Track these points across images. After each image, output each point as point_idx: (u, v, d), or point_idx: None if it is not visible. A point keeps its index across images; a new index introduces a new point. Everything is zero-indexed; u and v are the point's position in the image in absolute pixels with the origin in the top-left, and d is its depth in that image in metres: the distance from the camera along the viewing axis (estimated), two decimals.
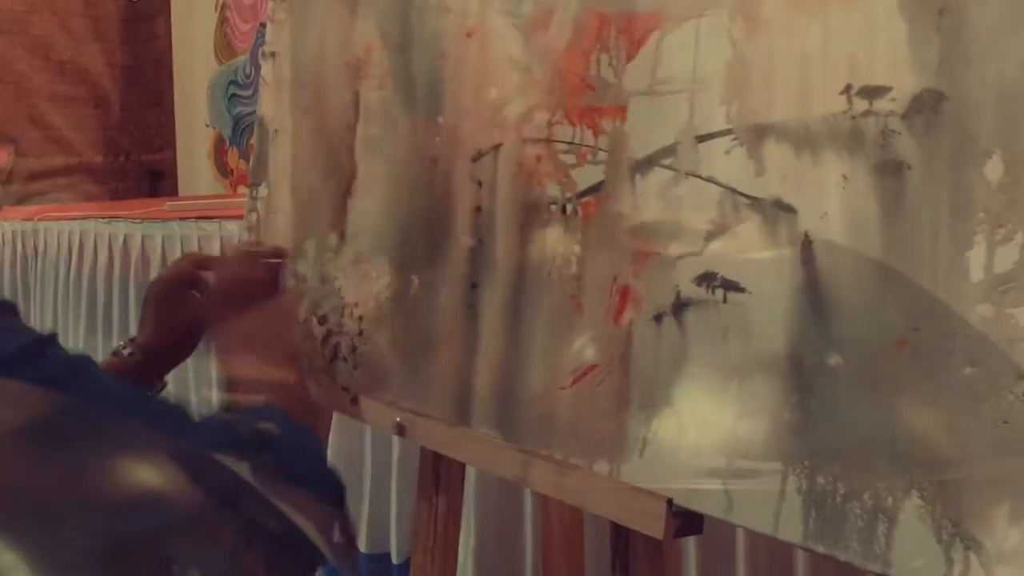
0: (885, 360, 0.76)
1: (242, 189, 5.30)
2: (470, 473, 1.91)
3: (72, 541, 0.55)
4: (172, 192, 5.61)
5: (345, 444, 2.28)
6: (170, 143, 5.75)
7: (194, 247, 2.60)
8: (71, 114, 5.60)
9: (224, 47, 5.48)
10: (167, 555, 0.58)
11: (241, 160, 5.27)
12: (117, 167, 5.83)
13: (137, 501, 0.60)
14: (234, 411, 0.96)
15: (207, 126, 5.55)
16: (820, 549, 0.79)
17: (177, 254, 2.66)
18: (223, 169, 5.43)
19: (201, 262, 1.26)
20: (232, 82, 5.47)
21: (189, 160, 5.65)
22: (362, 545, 2.29)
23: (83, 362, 0.80)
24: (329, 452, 2.24)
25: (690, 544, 1.84)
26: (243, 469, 0.74)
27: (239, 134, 5.28)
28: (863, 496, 0.77)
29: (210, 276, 1.21)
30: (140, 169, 5.83)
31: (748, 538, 1.71)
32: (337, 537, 0.81)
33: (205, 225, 2.59)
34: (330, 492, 0.88)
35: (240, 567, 0.64)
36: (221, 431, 0.83)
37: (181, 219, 2.66)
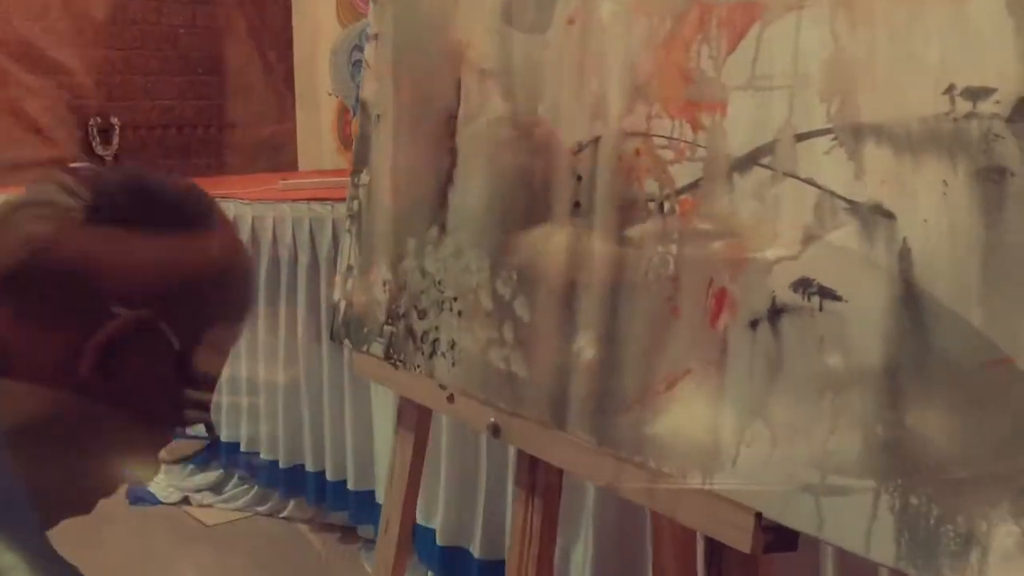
0: (981, 378, 0.80)
1: None
2: (589, 484, 1.98)
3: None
4: (292, 165, 5.81)
5: (460, 442, 2.38)
6: (289, 113, 5.94)
7: (306, 230, 2.73)
8: (182, 82, 5.84)
9: (348, 9, 5.63)
10: None
11: None
12: (232, 139, 6.06)
13: (110, 456, 0.68)
14: None
15: (329, 95, 5.70)
16: (912, 572, 0.84)
17: (288, 237, 2.81)
18: (347, 141, 5.58)
19: None
20: (356, 47, 5.59)
21: (310, 131, 5.82)
22: (476, 550, 2.39)
23: None
24: (445, 449, 2.34)
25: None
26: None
27: None
28: (956, 519, 0.81)
29: None
30: (257, 141, 6.05)
31: None
32: None
33: (317, 207, 2.72)
34: None
35: None
36: None
37: (293, 200, 2.80)
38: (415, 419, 1.54)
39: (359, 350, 1.57)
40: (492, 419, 1.27)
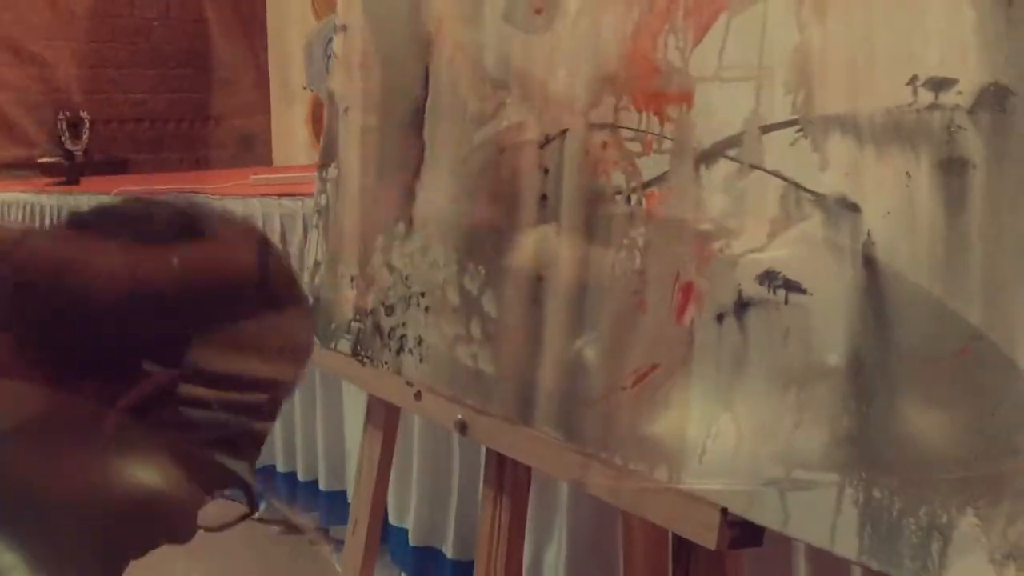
0: (944, 369, 0.82)
1: None
2: (563, 484, 2.00)
3: (71, 540, 0.64)
4: (266, 160, 5.81)
5: (432, 439, 2.39)
6: (263, 107, 5.94)
7: (276, 226, 2.74)
8: (154, 76, 5.83)
9: (323, 1, 5.63)
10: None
11: None
12: (206, 133, 6.06)
13: (136, 500, 0.68)
14: None
15: (304, 89, 5.71)
16: (874, 566, 0.85)
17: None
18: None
19: None
20: (331, 40, 5.59)
21: (284, 126, 5.82)
22: (449, 551, 2.40)
23: None
24: (417, 447, 2.35)
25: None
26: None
27: None
28: (919, 512, 0.82)
29: None
30: (231, 135, 6.05)
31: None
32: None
33: (287, 203, 2.73)
34: None
35: None
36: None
37: (263, 196, 2.81)
38: (383, 417, 1.55)
39: (327, 346, 1.58)
40: (459, 416, 1.27)
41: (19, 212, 3.70)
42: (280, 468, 2.95)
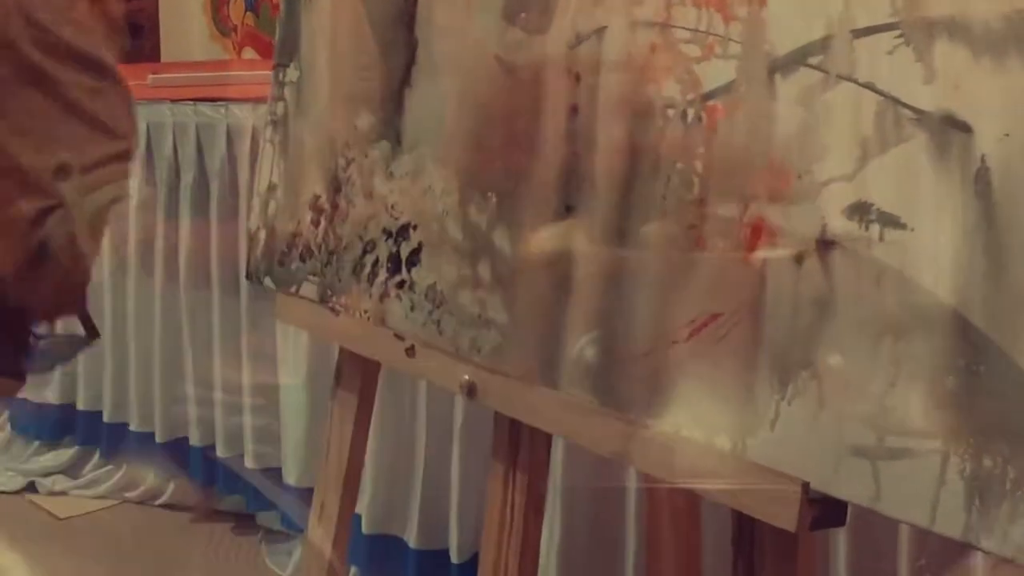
0: None
1: (248, 53, 5.46)
2: (556, 448, 2.07)
3: None
4: (153, 55, 5.78)
5: (392, 408, 2.44)
6: None
7: (191, 140, 2.76)
8: None
9: None
10: None
11: (248, 14, 5.43)
12: (73, 19, 6.01)
13: None
14: None
15: None
16: (983, 545, 0.92)
17: (167, 148, 2.83)
18: (222, 25, 5.58)
19: None
20: None
21: (176, 12, 5.79)
22: (412, 540, 2.47)
23: None
24: (373, 417, 2.41)
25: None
26: None
27: None
28: None
29: None
30: (106, 22, 6.01)
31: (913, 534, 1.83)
32: None
33: (207, 110, 2.74)
34: None
35: None
36: None
37: (173, 101, 2.82)
38: (359, 377, 1.60)
39: (286, 291, 1.63)
40: (466, 377, 1.33)
41: None
42: (194, 442, 2.99)
